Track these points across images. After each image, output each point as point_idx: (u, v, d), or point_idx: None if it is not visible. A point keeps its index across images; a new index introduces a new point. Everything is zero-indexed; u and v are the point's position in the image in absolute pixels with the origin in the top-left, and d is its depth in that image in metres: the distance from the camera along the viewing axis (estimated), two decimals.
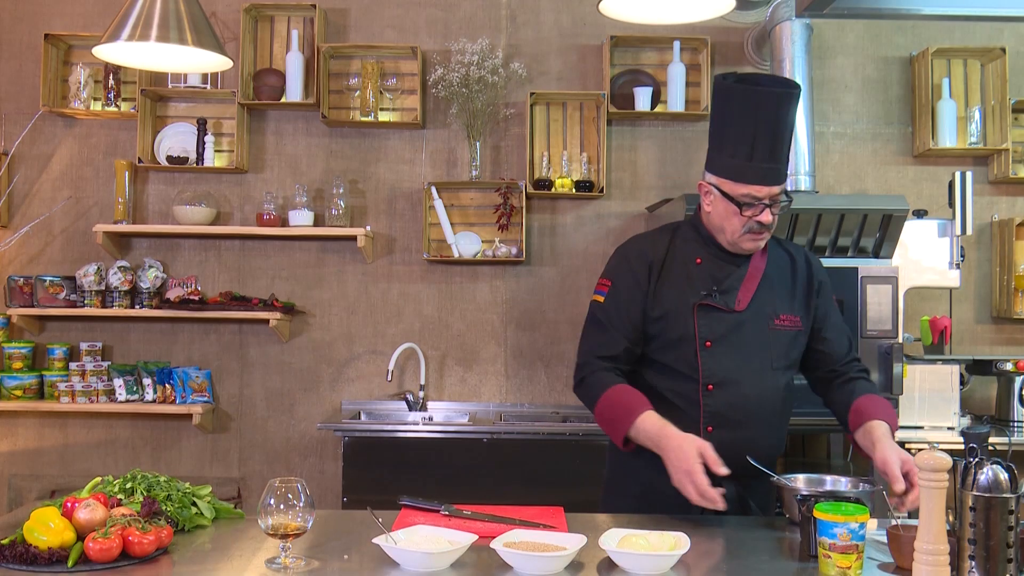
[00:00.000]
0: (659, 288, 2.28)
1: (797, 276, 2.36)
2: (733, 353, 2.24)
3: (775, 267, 2.34)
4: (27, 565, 1.69)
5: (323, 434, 4.38)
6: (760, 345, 2.26)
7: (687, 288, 2.27)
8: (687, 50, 4.38)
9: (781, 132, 2.19)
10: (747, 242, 2.25)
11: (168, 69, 3.01)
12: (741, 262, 2.30)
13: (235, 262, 4.43)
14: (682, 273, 2.29)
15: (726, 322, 2.25)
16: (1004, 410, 3.95)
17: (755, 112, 2.17)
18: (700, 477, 2.00)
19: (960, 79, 4.37)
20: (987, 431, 1.68)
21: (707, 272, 2.29)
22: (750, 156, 2.17)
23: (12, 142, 4.39)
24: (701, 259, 2.31)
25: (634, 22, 2.74)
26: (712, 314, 2.25)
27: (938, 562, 1.56)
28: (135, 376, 4.26)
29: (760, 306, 2.27)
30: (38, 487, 4.34)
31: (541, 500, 2.30)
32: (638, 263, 2.31)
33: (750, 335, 2.26)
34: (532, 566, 1.72)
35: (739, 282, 2.28)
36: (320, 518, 2.04)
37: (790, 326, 2.30)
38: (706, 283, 2.27)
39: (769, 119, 2.17)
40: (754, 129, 2.17)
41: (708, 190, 2.27)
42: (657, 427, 2.13)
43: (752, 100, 2.18)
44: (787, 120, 2.21)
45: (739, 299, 2.26)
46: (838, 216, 3.57)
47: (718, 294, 2.26)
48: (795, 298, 2.33)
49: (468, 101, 4.24)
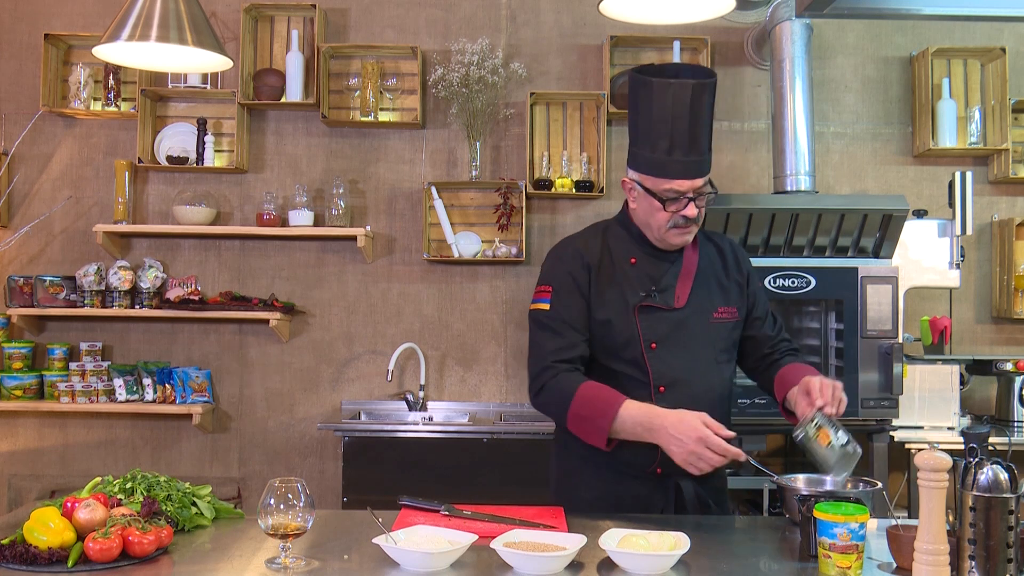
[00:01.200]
0: (599, 291, 2.23)
1: (728, 266, 2.34)
2: (679, 352, 2.21)
3: (707, 260, 2.32)
4: (27, 565, 1.69)
5: (323, 434, 4.38)
6: (703, 341, 2.24)
7: (626, 289, 2.23)
8: (687, 50, 4.38)
9: (699, 124, 2.14)
10: (674, 237, 2.21)
11: (168, 69, 3.01)
12: (675, 258, 2.27)
13: (235, 262, 4.43)
14: (618, 274, 2.25)
15: (668, 321, 2.22)
16: (1004, 410, 3.95)
17: (671, 105, 2.12)
18: (714, 438, 1.97)
19: (960, 79, 4.37)
20: (987, 431, 1.68)
21: (643, 271, 2.25)
22: (669, 150, 2.13)
23: (12, 142, 4.39)
24: (635, 259, 2.27)
25: (634, 22, 2.74)
26: (653, 314, 2.21)
27: (938, 562, 1.56)
28: (135, 376, 4.26)
29: (698, 301, 2.25)
30: (38, 487, 4.35)
31: (541, 500, 2.30)
32: (575, 266, 2.25)
33: (692, 332, 2.23)
34: (532, 566, 1.72)
35: (675, 279, 2.25)
36: (320, 518, 2.04)
37: (728, 318, 2.29)
38: (643, 283, 2.24)
39: (685, 111, 2.12)
40: (671, 122, 2.12)
41: (631, 187, 2.23)
42: (644, 410, 2.08)
43: (667, 93, 2.13)
44: (704, 111, 2.15)
45: (677, 296, 2.23)
46: (838, 216, 3.57)
47: (656, 293, 2.22)
48: (729, 289, 2.32)
49: (468, 101, 4.24)
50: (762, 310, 2.39)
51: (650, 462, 2.18)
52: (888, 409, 3.59)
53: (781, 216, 3.57)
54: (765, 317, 2.39)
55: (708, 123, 2.18)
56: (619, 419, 2.08)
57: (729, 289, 2.32)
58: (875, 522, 2.10)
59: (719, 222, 3.56)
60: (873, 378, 3.56)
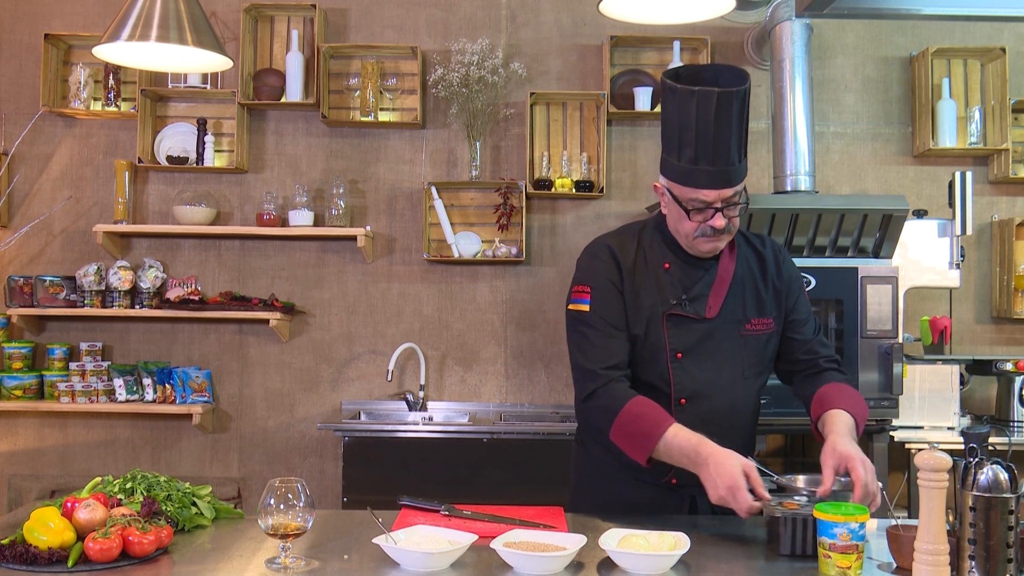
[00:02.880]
0: (631, 294, 2.17)
1: (768, 273, 2.25)
2: (704, 364, 2.15)
3: (745, 268, 2.23)
4: (27, 565, 1.69)
5: (323, 434, 4.38)
6: (731, 354, 2.17)
7: (657, 295, 2.16)
8: (687, 50, 4.38)
9: (726, 132, 2.04)
10: (703, 244, 2.13)
11: (168, 69, 3.01)
12: (710, 265, 2.19)
13: (235, 262, 4.43)
14: (651, 279, 2.18)
15: (696, 331, 2.15)
16: (1004, 410, 3.95)
17: (696, 112, 2.03)
18: (744, 494, 1.88)
19: (960, 79, 4.37)
20: (987, 431, 1.67)
21: (676, 278, 2.18)
22: (695, 159, 2.05)
23: (12, 142, 4.39)
24: (669, 264, 2.19)
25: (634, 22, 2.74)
26: (682, 323, 2.15)
27: (938, 562, 1.56)
28: (135, 376, 4.26)
29: (731, 312, 2.18)
30: (38, 487, 4.35)
31: (541, 500, 2.30)
32: (610, 267, 2.19)
33: (721, 344, 2.16)
34: (532, 566, 1.72)
35: (708, 288, 2.17)
36: (320, 518, 2.04)
37: (762, 330, 2.21)
38: (675, 290, 2.17)
39: (710, 120, 2.02)
40: (696, 131, 2.03)
41: (662, 192, 2.16)
42: (693, 442, 1.98)
43: (691, 100, 2.03)
44: (733, 119, 2.04)
45: (709, 306, 2.16)
46: (838, 216, 3.57)
47: (688, 302, 2.15)
48: (766, 299, 2.22)
49: (468, 101, 4.24)
50: (803, 314, 2.28)
51: (666, 470, 2.13)
52: (888, 409, 3.58)
53: (781, 216, 3.56)
54: (806, 321, 2.28)
55: (739, 131, 2.07)
56: (663, 442, 2.01)
57: (765, 298, 2.22)
58: (875, 522, 2.10)
59: None
60: (873, 378, 3.56)
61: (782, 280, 2.26)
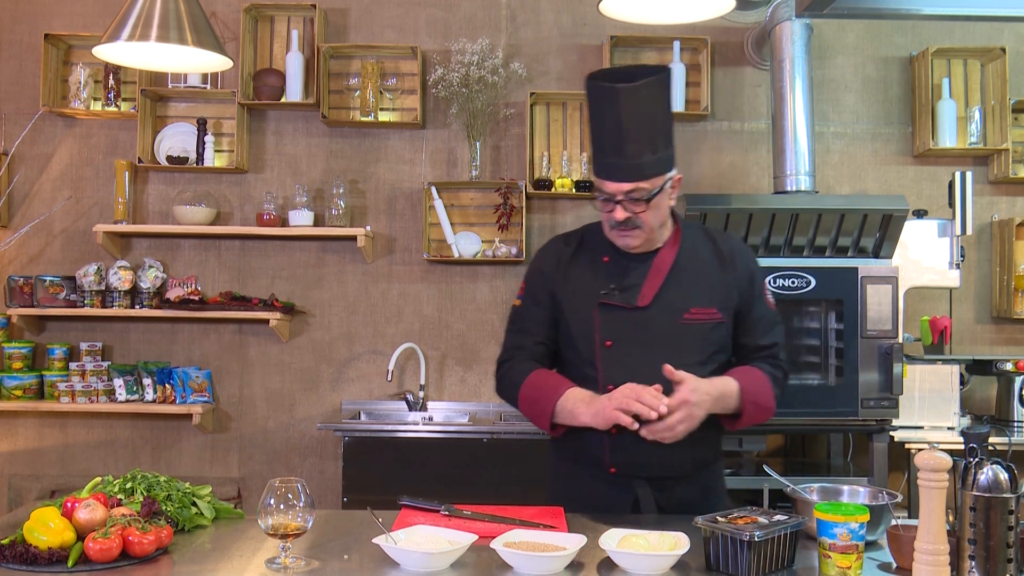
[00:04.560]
0: (566, 287, 2.26)
1: (724, 265, 2.25)
2: (636, 352, 2.16)
3: (691, 258, 2.25)
4: (27, 565, 1.69)
5: (323, 434, 4.38)
6: (668, 342, 2.17)
7: (592, 285, 2.23)
8: (687, 50, 4.38)
9: (626, 127, 2.10)
10: (617, 239, 2.21)
11: (168, 69, 3.01)
12: (647, 258, 2.23)
13: (235, 262, 4.43)
14: (589, 270, 2.26)
15: (629, 320, 2.18)
16: (1004, 410, 3.95)
17: (603, 108, 2.14)
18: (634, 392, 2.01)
19: (960, 79, 4.37)
20: (987, 431, 1.67)
21: (613, 270, 2.24)
22: (601, 152, 2.16)
23: (12, 142, 4.39)
24: (609, 257, 2.26)
25: (634, 22, 2.74)
26: (613, 312, 2.19)
27: (938, 562, 1.56)
28: (135, 376, 4.26)
29: (667, 301, 2.19)
30: (38, 487, 4.35)
31: (541, 500, 2.30)
32: (550, 263, 2.30)
33: (655, 333, 2.17)
34: (532, 566, 1.72)
35: (642, 278, 2.21)
36: (320, 518, 2.04)
37: (704, 319, 2.20)
38: (609, 280, 2.23)
39: (610, 114, 2.12)
40: (602, 125, 2.15)
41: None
42: (587, 395, 2.12)
43: (599, 95, 2.14)
44: (630, 114, 2.09)
45: (642, 295, 2.19)
46: (838, 216, 3.57)
47: (618, 291, 2.20)
48: (715, 290, 2.22)
49: (468, 101, 4.24)
50: (755, 316, 2.27)
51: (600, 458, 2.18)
52: (888, 409, 3.58)
53: (781, 216, 3.56)
54: (756, 325, 2.27)
55: (639, 127, 2.10)
56: (561, 403, 2.14)
57: (714, 289, 2.22)
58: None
59: (719, 222, 3.55)
60: (873, 378, 3.56)
61: (738, 274, 2.25)
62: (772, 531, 1.71)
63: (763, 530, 1.70)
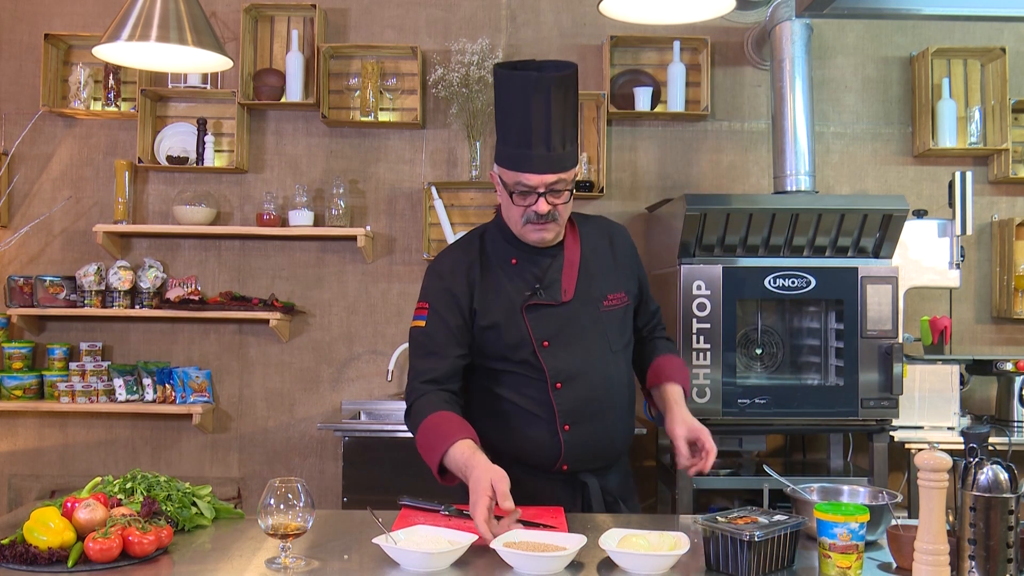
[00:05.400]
0: (482, 298, 2.21)
1: (616, 251, 2.33)
2: (572, 346, 2.20)
3: (591, 248, 2.29)
4: (27, 565, 1.69)
5: (323, 434, 4.38)
6: (595, 332, 2.23)
7: (511, 291, 2.21)
8: (687, 50, 4.38)
9: (546, 118, 2.09)
10: (530, 234, 2.18)
11: (168, 69, 3.02)
12: (555, 252, 2.25)
13: (235, 262, 4.43)
14: (501, 277, 2.23)
15: (558, 317, 2.20)
16: (1004, 410, 3.95)
17: (519, 98, 2.10)
18: (483, 510, 1.86)
19: (960, 79, 4.37)
20: (987, 431, 1.67)
21: (525, 270, 2.23)
22: (518, 144, 2.11)
23: (12, 142, 4.39)
24: (516, 259, 2.24)
25: (634, 22, 2.75)
26: (541, 312, 2.20)
27: (938, 562, 1.56)
28: (135, 376, 4.26)
29: (586, 292, 2.24)
30: (38, 487, 4.35)
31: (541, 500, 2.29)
32: (452, 278, 2.23)
33: (583, 325, 2.22)
34: (532, 566, 1.72)
35: (559, 273, 2.23)
36: (320, 518, 2.04)
37: (618, 304, 2.28)
38: (528, 282, 2.22)
39: (529, 104, 2.08)
40: (518, 115, 2.10)
41: (496, 180, 2.20)
42: (467, 455, 2.00)
43: (515, 85, 2.11)
44: (551, 106, 2.09)
45: (564, 290, 2.21)
46: (838, 216, 3.57)
47: (542, 291, 2.21)
48: (617, 274, 2.31)
49: (468, 101, 4.24)
50: (644, 287, 2.42)
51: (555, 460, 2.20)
52: (888, 409, 3.58)
53: (781, 216, 3.56)
54: (645, 294, 2.43)
55: (562, 118, 2.12)
56: (448, 456, 2.04)
57: (616, 274, 2.31)
58: None
59: (719, 222, 3.55)
60: (873, 378, 3.56)
61: (626, 254, 2.36)
62: (772, 531, 1.72)
63: (763, 530, 1.70)
